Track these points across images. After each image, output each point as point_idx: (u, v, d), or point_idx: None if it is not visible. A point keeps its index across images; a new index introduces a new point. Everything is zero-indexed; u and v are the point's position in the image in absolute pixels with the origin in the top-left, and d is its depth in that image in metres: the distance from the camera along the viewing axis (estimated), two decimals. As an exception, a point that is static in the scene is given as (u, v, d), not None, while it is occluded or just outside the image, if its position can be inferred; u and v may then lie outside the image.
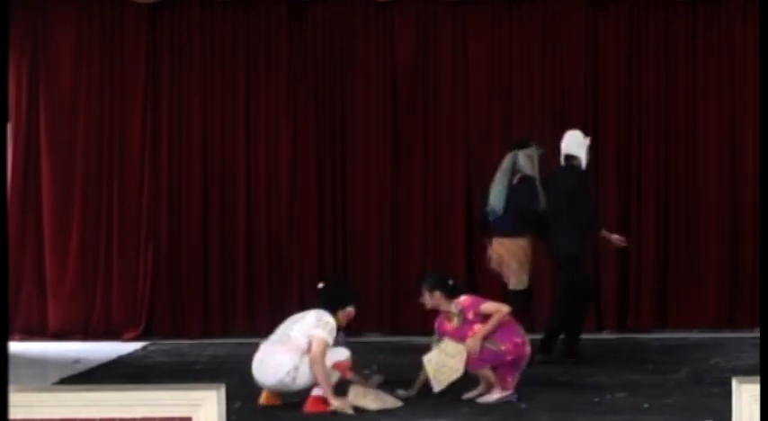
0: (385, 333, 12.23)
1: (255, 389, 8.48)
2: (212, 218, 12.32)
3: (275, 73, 12.34)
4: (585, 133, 10.46)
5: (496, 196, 10.27)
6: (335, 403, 8.09)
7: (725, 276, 12.24)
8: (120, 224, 12.27)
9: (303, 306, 9.50)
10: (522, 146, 10.43)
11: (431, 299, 8.61)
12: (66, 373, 9.96)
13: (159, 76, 12.34)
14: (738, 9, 12.27)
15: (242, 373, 8.91)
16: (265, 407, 8.31)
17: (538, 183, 10.23)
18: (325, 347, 8.12)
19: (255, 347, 8.67)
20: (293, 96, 12.33)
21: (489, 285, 11.10)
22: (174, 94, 12.34)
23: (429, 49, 12.40)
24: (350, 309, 8.50)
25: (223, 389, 4.91)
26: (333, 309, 8.34)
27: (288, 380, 8.14)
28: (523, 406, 8.33)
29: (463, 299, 8.57)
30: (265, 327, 9.42)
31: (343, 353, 8.33)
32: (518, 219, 10.21)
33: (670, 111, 12.36)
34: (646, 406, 8.26)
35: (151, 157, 12.30)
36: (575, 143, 10.26)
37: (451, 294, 8.58)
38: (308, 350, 8.11)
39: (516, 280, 10.28)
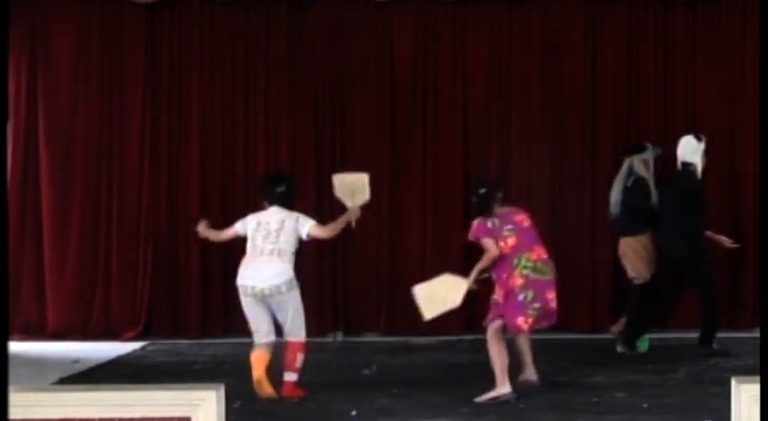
0: (383, 333, 12.21)
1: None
2: (211, 217, 12.28)
3: (275, 72, 12.33)
4: (699, 137, 10.79)
5: (614, 200, 10.87)
6: (349, 217, 9.13)
7: (725, 276, 12.22)
8: (120, 224, 12.27)
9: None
10: (638, 150, 10.95)
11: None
12: (65, 373, 9.96)
13: (158, 76, 12.33)
14: (738, 8, 12.27)
15: (241, 373, 8.90)
16: (264, 408, 8.30)
17: (651, 183, 10.72)
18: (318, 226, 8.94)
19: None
20: (293, 96, 12.32)
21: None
22: (173, 93, 12.33)
23: (428, 49, 12.39)
24: None
25: (222, 389, 4.91)
26: (292, 206, 9.03)
27: (284, 287, 8.67)
28: (523, 406, 8.33)
29: (476, 222, 8.81)
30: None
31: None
32: (634, 219, 10.78)
33: (669, 111, 12.35)
34: (645, 406, 8.26)
35: (150, 157, 12.29)
36: (689, 150, 10.70)
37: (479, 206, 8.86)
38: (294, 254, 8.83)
39: (639, 274, 10.80)
